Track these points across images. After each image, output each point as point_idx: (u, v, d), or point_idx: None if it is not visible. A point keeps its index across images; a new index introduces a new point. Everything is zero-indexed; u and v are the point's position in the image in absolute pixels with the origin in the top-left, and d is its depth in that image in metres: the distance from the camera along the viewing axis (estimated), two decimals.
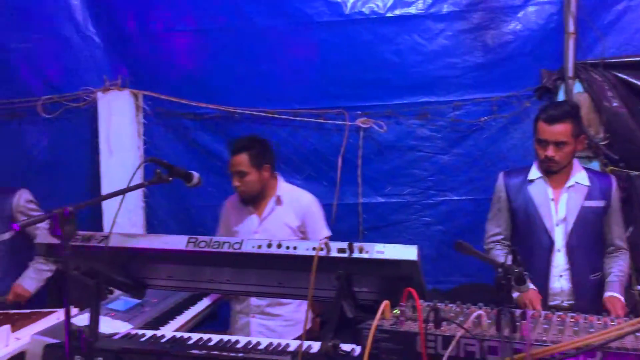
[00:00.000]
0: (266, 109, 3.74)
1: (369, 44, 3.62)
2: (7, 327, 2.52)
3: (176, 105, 3.82)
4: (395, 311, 1.66)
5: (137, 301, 2.85)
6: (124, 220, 3.71)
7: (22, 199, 3.26)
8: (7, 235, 3.23)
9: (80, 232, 1.96)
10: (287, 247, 1.90)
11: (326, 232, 3.12)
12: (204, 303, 3.14)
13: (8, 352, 2.41)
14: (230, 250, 1.93)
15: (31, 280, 3.26)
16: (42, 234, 2.14)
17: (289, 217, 3.09)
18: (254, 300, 3.10)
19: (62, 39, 3.80)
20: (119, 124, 3.79)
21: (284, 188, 3.16)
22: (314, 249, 1.85)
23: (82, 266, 1.95)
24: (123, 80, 3.80)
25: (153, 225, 3.89)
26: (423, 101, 3.61)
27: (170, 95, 3.80)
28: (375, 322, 1.52)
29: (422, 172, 3.65)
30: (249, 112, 3.74)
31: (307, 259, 1.84)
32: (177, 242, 1.98)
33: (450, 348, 1.47)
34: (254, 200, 3.10)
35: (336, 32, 3.64)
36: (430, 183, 3.65)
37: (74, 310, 2.93)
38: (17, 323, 2.63)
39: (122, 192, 2.01)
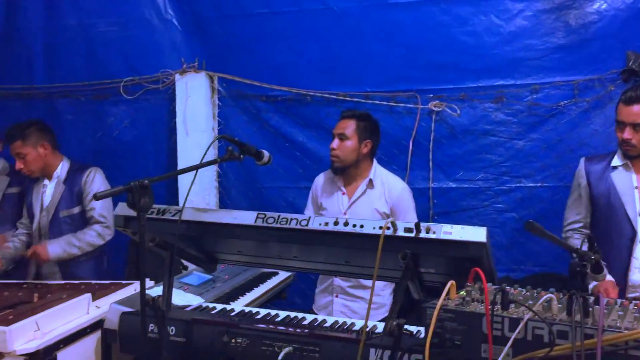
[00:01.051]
0: (338, 92, 3.74)
1: (443, 25, 3.55)
2: (88, 295, 2.67)
3: (249, 87, 3.89)
4: (461, 292, 1.63)
5: (209, 277, 2.96)
6: (198, 199, 3.83)
7: (91, 175, 3.41)
8: (75, 210, 3.41)
9: (155, 205, 2.04)
10: (354, 225, 1.90)
11: None
12: (272, 282, 3.20)
13: (89, 318, 2.55)
14: (298, 227, 1.95)
15: (60, 248, 3.29)
16: (121, 205, 2.23)
17: (380, 203, 3.05)
18: (337, 281, 3.11)
19: (144, 23, 3.94)
20: (195, 105, 3.90)
21: (379, 172, 3.13)
22: (380, 227, 1.84)
23: (157, 238, 2.03)
24: (200, 62, 3.90)
25: (225, 205, 3.99)
26: (499, 84, 3.51)
27: (245, 77, 3.87)
28: (440, 301, 1.50)
29: (496, 157, 3.56)
30: (320, 94, 3.76)
31: (374, 237, 1.84)
32: (247, 217, 2.02)
33: (517, 330, 1.44)
34: (343, 172, 3.09)
35: (410, 14, 3.58)
36: (504, 169, 3.55)
37: (150, 283, 3.07)
38: (97, 293, 2.77)
39: (196, 167, 2.07)
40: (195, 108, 3.90)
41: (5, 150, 3.58)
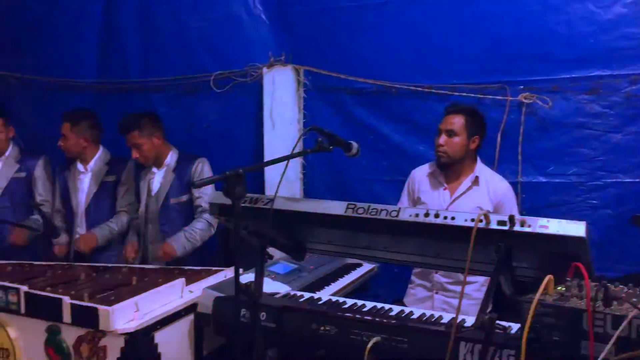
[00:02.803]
0: (423, 84, 3.70)
1: (535, 14, 3.43)
2: (182, 280, 2.79)
3: (335, 80, 3.91)
4: (559, 287, 1.58)
5: (295, 266, 3.02)
6: (284, 190, 3.88)
7: (200, 166, 3.56)
8: (184, 198, 3.56)
9: (248, 194, 2.10)
10: (445, 217, 1.89)
11: None
12: (357, 273, 3.23)
13: (183, 302, 2.67)
14: (388, 217, 1.96)
15: (181, 246, 3.46)
16: (216, 194, 2.31)
17: (483, 201, 3.00)
18: (437, 277, 3.08)
19: (234, 19, 4.03)
20: (282, 98, 3.96)
21: (483, 170, 3.08)
22: (472, 220, 1.82)
23: (250, 226, 2.09)
24: (287, 56, 3.96)
25: (310, 196, 4.04)
26: (595, 75, 3.35)
27: (330, 70, 3.90)
28: (537, 296, 1.47)
29: (591, 151, 3.40)
30: (406, 86, 3.73)
31: (466, 230, 1.82)
32: (337, 207, 2.05)
33: (621, 328, 1.38)
34: (448, 169, 3.07)
35: (500, 2, 3.49)
36: (599, 163, 3.40)
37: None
38: (190, 278, 2.89)
39: (287, 158, 2.12)
40: (281, 101, 3.97)
41: (103, 140, 3.79)
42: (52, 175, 3.91)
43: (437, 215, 1.90)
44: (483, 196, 2.99)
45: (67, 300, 2.47)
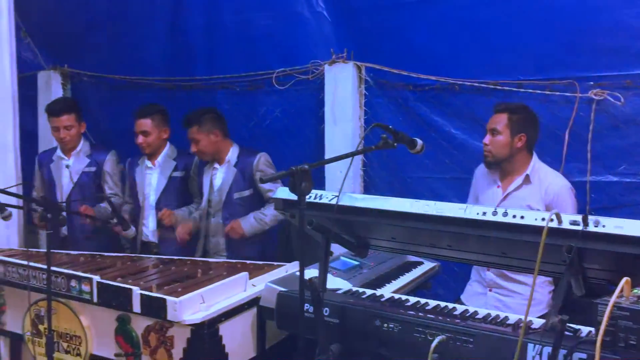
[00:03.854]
0: (488, 80, 3.62)
1: (606, 7, 3.29)
2: (246, 274, 2.84)
3: (397, 77, 3.88)
4: (635, 290, 1.53)
5: (356, 263, 3.03)
6: (345, 187, 3.89)
7: (261, 161, 3.61)
8: (247, 193, 3.62)
9: (313, 190, 2.12)
10: (514, 216, 1.85)
11: None
12: (418, 271, 3.21)
13: (247, 295, 2.72)
14: (453, 215, 1.94)
15: (249, 224, 3.53)
16: (281, 189, 2.34)
17: (534, 200, 2.91)
18: (491, 273, 3.03)
19: (296, 16, 4.05)
20: (343, 95, 3.97)
21: (537, 167, 3.00)
22: (543, 219, 1.78)
23: (315, 221, 2.11)
24: (348, 53, 3.96)
25: (370, 194, 4.03)
26: None
27: (392, 66, 3.87)
28: (613, 298, 1.42)
29: None
30: (470, 83, 3.66)
31: (535, 229, 1.78)
32: (402, 204, 2.04)
33: None
34: (497, 167, 3.03)
35: None
36: None
37: (297, 266, 3.20)
38: (252, 272, 2.94)
39: (352, 154, 2.13)
40: (342, 98, 3.97)
41: (173, 135, 3.90)
42: (120, 169, 4.04)
43: (505, 214, 1.86)
44: (534, 195, 2.91)
45: (137, 290, 2.57)
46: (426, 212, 1.98)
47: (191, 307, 2.48)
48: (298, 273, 2.74)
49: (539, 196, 2.91)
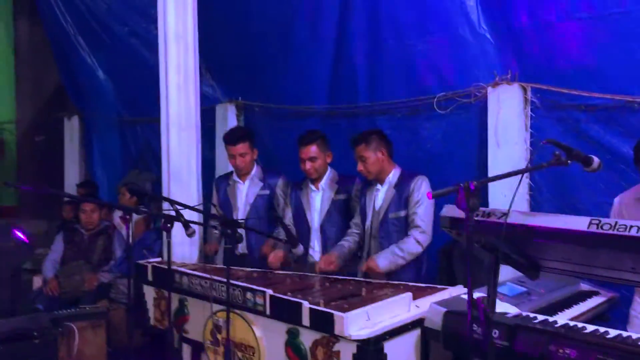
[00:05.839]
0: None
1: None
2: (410, 294, 2.86)
3: (566, 97, 3.70)
4: None
5: (524, 289, 2.91)
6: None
7: (419, 182, 3.60)
8: (402, 213, 3.58)
9: (481, 208, 2.09)
10: None
11: None
12: (593, 301, 3.00)
13: (411, 315, 2.74)
14: (639, 235, 1.80)
15: (387, 260, 3.49)
16: (448, 207, 2.34)
17: None
18: None
19: (458, 39, 4.03)
20: (507, 117, 3.86)
21: None
22: None
23: (483, 240, 2.07)
24: (512, 74, 3.87)
25: None
26: None
27: (560, 86, 3.71)
28: None
29: None
30: None
31: None
32: (579, 222, 1.94)
33: None
34: None
35: None
36: None
37: (462, 289, 3.15)
38: (415, 294, 2.95)
39: (522, 172, 2.07)
40: (507, 120, 3.87)
41: (333, 161, 4.04)
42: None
43: None
44: None
45: (306, 305, 2.69)
46: (606, 232, 1.87)
47: (357, 323, 2.55)
48: (464, 295, 2.72)
49: None
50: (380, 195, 3.73)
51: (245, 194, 4.23)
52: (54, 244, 5.26)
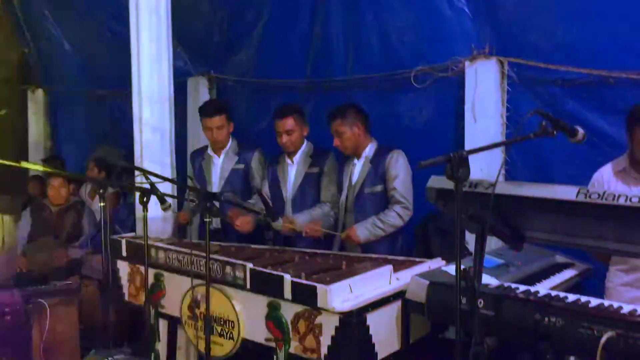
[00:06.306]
0: None
1: None
2: (390, 267, 2.86)
3: (543, 72, 3.71)
4: None
5: (502, 261, 2.93)
6: None
7: (395, 157, 3.59)
8: (378, 188, 3.59)
9: (470, 178, 2.08)
10: None
11: None
12: (568, 273, 3.06)
13: (392, 288, 2.74)
14: (627, 204, 1.82)
15: (366, 230, 3.50)
16: (435, 178, 2.32)
17: None
18: None
19: (436, 12, 3.99)
20: (484, 91, 3.86)
21: None
22: None
23: (471, 211, 2.06)
24: (490, 48, 3.86)
25: None
26: None
27: (537, 61, 3.72)
28: None
29: None
30: (626, 75, 3.42)
31: None
32: (566, 192, 1.95)
33: None
34: None
35: None
36: None
37: (440, 262, 3.16)
38: (395, 267, 2.95)
39: (511, 142, 2.06)
40: (484, 94, 3.87)
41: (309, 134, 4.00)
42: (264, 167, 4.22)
43: None
44: None
45: (288, 277, 2.66)
46: (594, 201, 1.88)
47: (340, 295, 2.53)
48: (445, 268, 2.73)
49: None
50: (357, 170, 3.71)
51: (220, 167, 4.17)
52: (20, 220, 5.11)
